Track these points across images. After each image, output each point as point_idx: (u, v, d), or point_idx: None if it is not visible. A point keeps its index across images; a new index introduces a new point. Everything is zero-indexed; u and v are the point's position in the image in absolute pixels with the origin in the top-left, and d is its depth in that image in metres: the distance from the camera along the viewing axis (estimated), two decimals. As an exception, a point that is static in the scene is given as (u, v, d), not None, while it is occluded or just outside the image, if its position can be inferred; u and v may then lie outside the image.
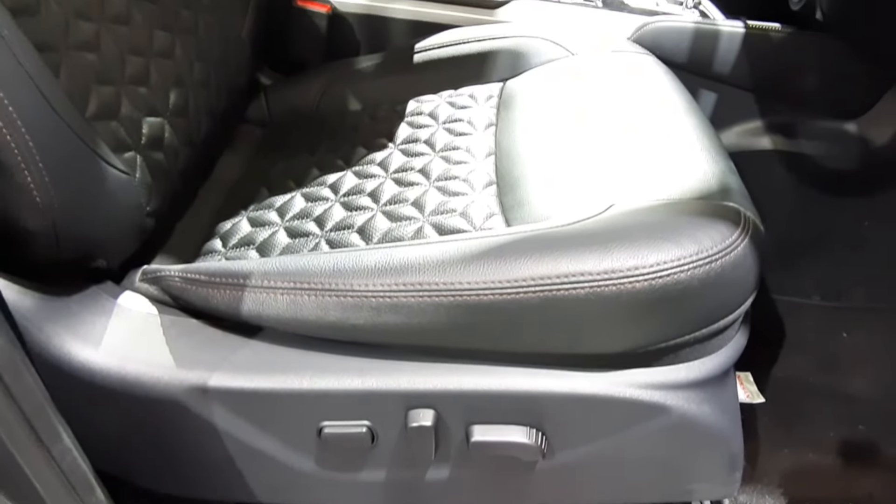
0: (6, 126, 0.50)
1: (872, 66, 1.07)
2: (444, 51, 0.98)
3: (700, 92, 1.13)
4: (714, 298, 0.60)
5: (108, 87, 0.65)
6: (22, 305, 0.58)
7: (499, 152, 0.81)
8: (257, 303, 0.60)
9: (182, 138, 0.74)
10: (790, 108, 1.14)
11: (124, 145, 0.65)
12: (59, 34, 0.61)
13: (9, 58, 0.51)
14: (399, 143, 0.86)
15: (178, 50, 0.76)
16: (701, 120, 0.81)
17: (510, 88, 0.93)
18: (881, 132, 1.10)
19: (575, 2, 1.13)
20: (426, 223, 0.71)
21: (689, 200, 0.65)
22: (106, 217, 0.62)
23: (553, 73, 0.92)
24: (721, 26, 1.08)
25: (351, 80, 0.98)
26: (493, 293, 0.56)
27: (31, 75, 0.53)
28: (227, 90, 0.87)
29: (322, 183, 0.81)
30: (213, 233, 0.77)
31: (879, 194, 1.15)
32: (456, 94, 0.95)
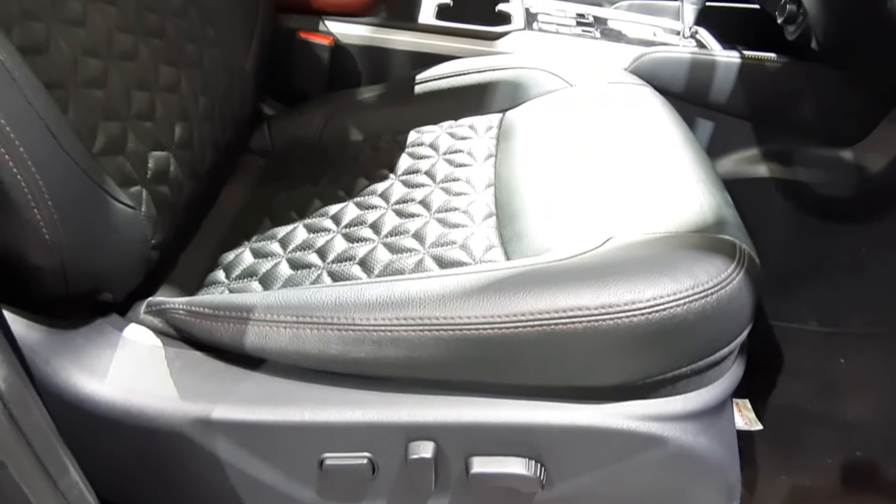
0: (16, 165, 0.51)
1: (868, 95, 1.09)
2: (445, 82, 1.00)
3: (697, 121, 1.14)
4: (710, 331, 0.61)
5: (114, 123, 0.66)
6: (29, 339, 0.59)
7: (498, 183, 0.82)
8: (260, 336, 0.61)
9: (187, 171, 0.75)
10: (787, 136, 1.15)
11: (130, 180, 0.66)
12: (67, 72, 0.63)
13: (19, 98, 0.52)
14: (400, 174, 0.87)
15: (184, 84, 0.78)
16: (697, 151, 0.82)
17: (509, 119, 0.94)
18: (877, 160, 1.11)
19: (573, 33, 1.14)
20: (427, 255, 0.72)
21: (685, 234, 0.66)
22: (112, 252, 0.63)
23: (552, 104, 0.93)
24: (717, 56, 1.10)
25: (352, 111, 1.00)
26: (493, 327, 0.57)
27: (41, 114, 0.54)
28: (231, 122, 0.88)
29: (324, 214, 0.82)
30: (217, 264, 0.78)
31: (876, 221, 1.17)
32: (456, 124, 0.96)
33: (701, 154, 0.83)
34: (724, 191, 0.77)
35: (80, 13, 0.67)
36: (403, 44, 1.07)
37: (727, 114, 1.13)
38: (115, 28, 0.71)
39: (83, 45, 0.66)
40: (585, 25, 1.18)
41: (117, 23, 0.71)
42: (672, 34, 1.22)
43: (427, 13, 1.12)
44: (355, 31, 1.07)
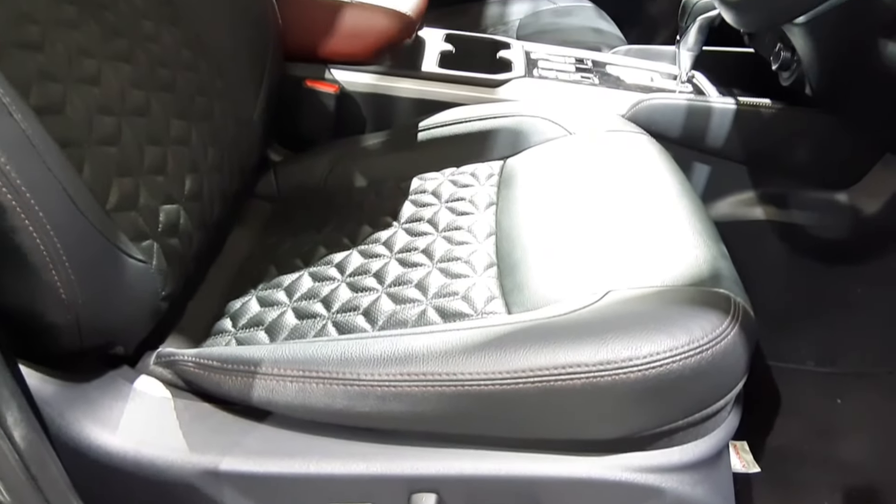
0: (36, 230, 0.53)
1: (861, 139, 1.11)
2: (447, 129, 1.02)
3: (694, 165, 1.17)
4: (706, 385, 0.63)
5: (128, 179, 0.68)
6: (44, 392, 0.60)
7: (499, 233, 0.84)
8: (267, 390, 0.62)
9: (196, 222, 0.77)
10: (782, 180, 1.17)
11: (142, 234, 0.68)
12: (82, 130, 0.65)
13: (39, 165, 0.54)
14: (403, 222, 0.89)
15: (194, 136, 0.80)
16: (693, 201, 0.84)
17: (510, 167, 0.97)
18: (871, 202, 1.14)
19: (572, 79, 1.17)
20: (429, 306, 0.74)
21: (681, 288, 0.68)
22: (125, 306, 0.65)
23: (551, 152, 0.96)
24: (713, 103, 1.12)
25: (357, 157, 1.02)
26: (494, 384, 0.58)
27: (59, 178, 0.56)
28: (238, 170, 0.90)
29: (329, 262, 0.84)
30: (224, 312, 0.80)
31: (870, 262, 1.19)
32: (458, 171, 0.98)
33: (697, 204, 0.85)
34: (719, 242, 0.79)
35: (95, 71, 0.69)
36: (407, 91, 1.10)
37: (723, 158, 1.15)
38: (129, 84, 0.73)
39: (98, 103, 0.68)
40: (584, 71, 1.21)
41: (130, 79, 0.73)
42: (669, 79, 1.24)
43: (430, 61, 1.14)
44: (360, 79, 1.09)
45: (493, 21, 1.77)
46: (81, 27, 0.70)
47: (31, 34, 0.64)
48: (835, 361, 1.24)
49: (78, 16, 0.70)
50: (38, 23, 0.65)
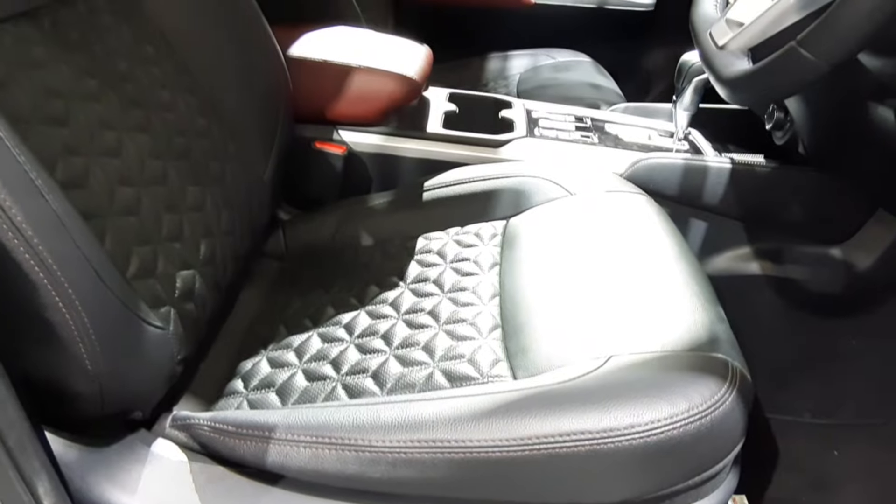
0: (65, 306, 0.56)
1: (854, 196, 1.15)
2: (451, 189, 1.05)
3: (691, 221, 1.20)
4: (705, 449, 0.65)
5: (147, 247, 0.71)
6: (67, 457, 0.63)
7: (503, 294, 0.87)
8: (281, 455, 0.64)
9: (210, 285, 0.80)
10: (777, 235, 1.20)
11: (160, 301, 0.70)
12: (104, 202, 0.68)
13: (68, 242, 0.57)
14: (409, 283, 0.92)
15: (209, 201, 0.83)
16: (691, 264, 0.87)
17: (513, 227, 1.00)
18: (864, 257, 1.16)
19: (572, 138, 1.20)
20: (436, 369, 0.76)
21: (680, 353, 0.71)
22: (144, 373, 0.67)
23: (553, 213, 0.99)
24: (709, 162, 1.15)
25: (364, 217, 1.05)
26: (501, 450, 0.61)
27: (85, 253, 0.59)
28: (250, 232, 0.93)
29: (337, 323, 0.87)
30: (235, 373, 0.82)
31: (865, 315, 1.21)
32: (462, 231, 1.01)
33: (694, 266, 0.88)
34: (716, 304, 0.82)
35: (116, 143, 0.73)
36: (412, 151, 1.13)
37: (720, 214, 1.18)
38: (147, 154, 0.76)
39: (118, 174, 0.71)
40: (584, 130, 1.25)
41: (149, 149, 0.77)
42: (666, 136, 1.28)
43: (435, 121, 1.18)
44: (367, 140, 1.13)
45: (493, 75, 1.82)
46: (102, 100, 0.74)
47: (56, 109, 0.68)
48: (831, 413, 1.26)
49: (99, 89, 0.74)
50: (62, 97, 0.69)
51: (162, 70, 0.84)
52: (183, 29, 0.89)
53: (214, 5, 0.93)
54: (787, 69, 0.71)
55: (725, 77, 0.81)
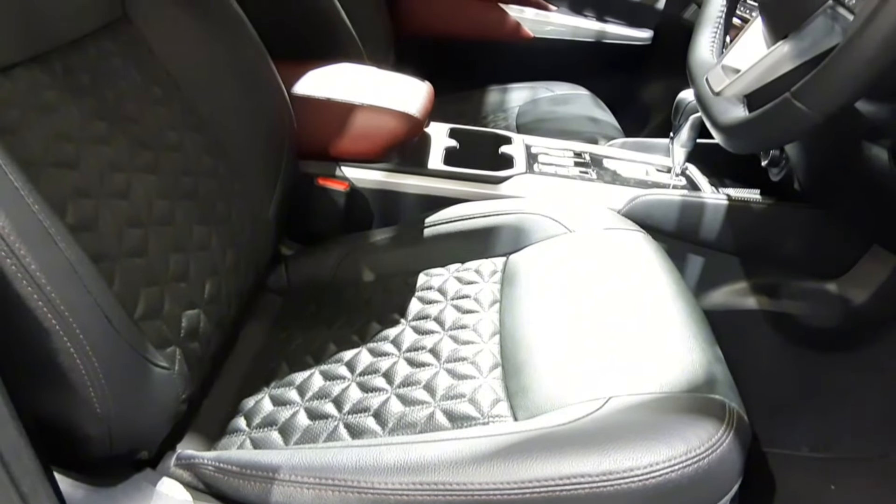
0: (76, 351, 0.57)
1: (849, 232, 1.16)
2: (452, 225, 1.06)
3: (688, 256, 1.21)
4: (703, 491, 0.66)
5: (154, 288, 0.72)
6: (75, 497, 0.63)
7: (503, 332, 0.88)
8: (285, 496, 0.65)
9: (214, 324, 0.81)
10: (774, 270, 1.22)
11: (166, 341, 0.72)
12: (113, 244, 0.69)
13: (80, 288, 0.59)
14: (410, 320, 0.93)
15: (214, 240, 0.84)
16: (688, 303, 0.88)
17: (513, 264, 1.01)
18: (860, 292, 1.18)
19: (571, 174, 1.22)
20: (437, 409, 0.77)
21: (678, 395, 0.72)
22: (150, 413, 0.68)
23: (552, 250, 1.00)
24: (705, 198, 1.17)
25: (366, 252, 1.06)
26: (502, 493, 0.61)
27: (96, 298, 0.60)
28: (254, 268, 0.94)
29: (339, 360, 0.88)
30: (238, 410, 0.83)
31: (860, 349, 1.22)
32: (463, 268, 1.02)
33: (692, 305, 0.89)
34: (714, 344, 0.83)
35: (125, 185, 0.74)
36: (414, 187, 1.15)
37: (717, 250, 1.20)
38: (155, 195, 0.78)
39: (127, 216, 0.73)
40: (582, 165, 1.26)
41: (157, 190, 0.78)
42: (664, 172, 1.30)
43: (436, 157, 1.20)
44: (369, 176, 1.14)
45: (493, 108, 1.84)
46: (111, 142, 0.75)
47: (67, 152, 0.69)
48: (828, 447, 1.27)
49: (108, 131, 0.76)
50: (72, 141, 0.70)
51: (170, 111, 0.86)
52: (190, 69, 0.91)
53: (221, 46, 0.95)
54: (781, 120, 0.72)
55: (721, 124, 0.82)
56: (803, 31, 0.74)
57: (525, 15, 2.01)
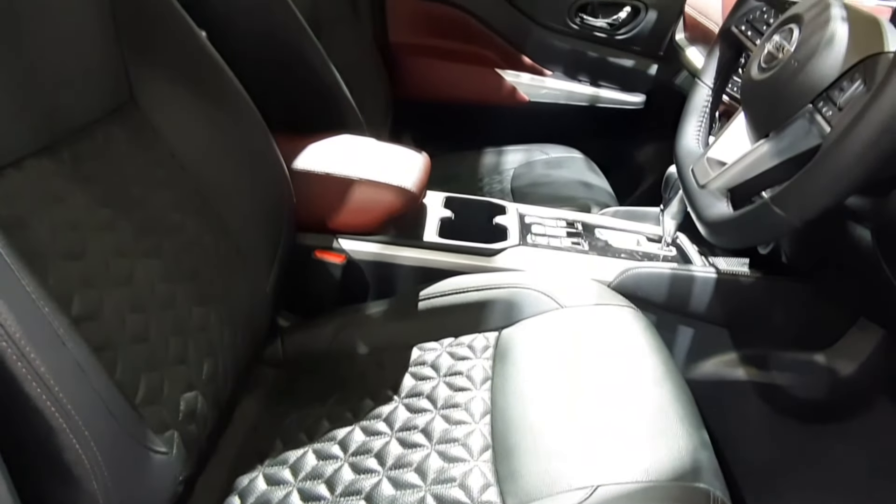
0: (81, 447, 0.59)
1: (836, 305, 1.19)
2: (446, 299, 1.09)
3: (678, 328, 1.23)
4: None
5: (154, 373, 0.74)
6: None
7: (494, 412, 0.90)
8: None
9: (211, 404, 0.83)
10: (762, 342, 1.24)
11: (165, 426, 0.73)
12: (116, 332, 0.71)
13: (86, 387, 0.61)
14: (403, 397, 0.95)
15: (213, 319, 0.86)
16: (677, 385, 0.90)
17: (505, 339, 1.03)
18: (848, 364, 1.20)
19: (564, 246, 1.25)
20: (428, 493, 0.78)
21: (664, 483, 0.74)
22: (148, 498, 0.69)
23: (543, 326, 1.02)
24: (695, 271, 1.20)
25: (361, 325, 1.08)
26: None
27: (101, 395, 0.62)
28: (251, 343, 0.96)
29: (332, 438, 0.89)
30: (232, 489, 0.84)
31: (849, 421, 1.24)
32: (456, 342, 1.04)
33: (681, 386, 0.91)
34: (701, 428, 0.85)
35: (128, 271, 0.76)
36: (409, 259, 1.17)
37: (706, 321, 1.22)
38: (157, 280, 0.80)
39: (130, 303, 0.75)
40: (575, 236, 1.29)
41: (159, 274, 0.80)
42: (655, 241, 1.33)
43: (431, 229, 1.22)
44: (366, 248, 1.17)
45: (489, 170, 1.87)
46: (116, 228, 0.78)
47: (74, 242, 0.71)
48: (817, 516, 1.28)
49: (113, 217, 0.78)
50: (79, 230, 0.73)
51: (173, 192, 0.89)
52: (194, 150, 0.93)
53: (225, 126, 0.98)
54: (760, 223, 0.75)
55: (705, 219, 0.85)
56: (783, 132, 0.77)
57: (521, 79, 2.06)
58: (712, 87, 1.01)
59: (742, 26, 0.98)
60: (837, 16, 0.76)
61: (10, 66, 0.70)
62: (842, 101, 0.70)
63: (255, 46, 1.32)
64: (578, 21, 2.06)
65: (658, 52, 2.07)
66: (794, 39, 0.79)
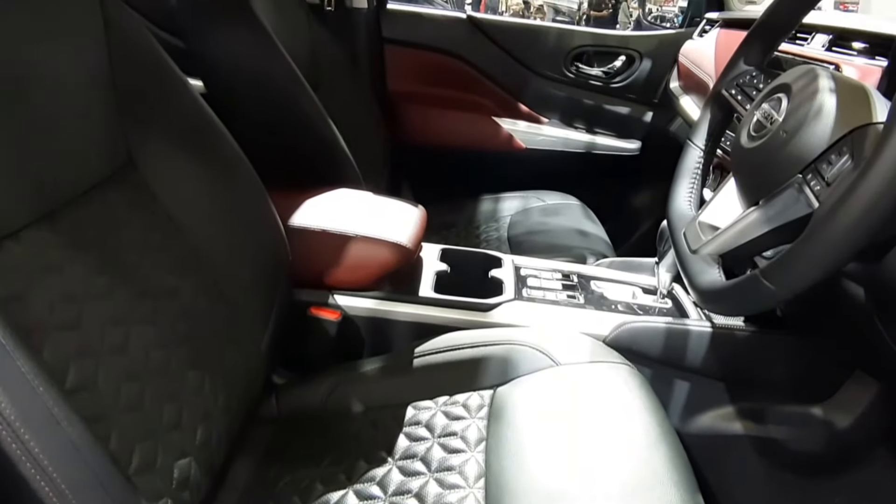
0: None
1: (831, 358, 1.19)
2: (441, 356, 1.09)
3: (674, 382, 1.23)
4: None
5: (148, 442, 0.74)
6: None
7: (489, 476, 0.89)
8: None
9: (205, 470, 0.82)
10: (758, 395, 1.24)
11: (158, 494, 0.73)
12: (111, 402, 0.71)
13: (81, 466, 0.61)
14: (397, 459, 0.95)
15: (207, 384, 0.86)
16: (671, 447, 0.90)
17: (500, 398, 1.03)
18: (844, 416, 1.20)
19: (559, 299, 1.25)
20: None
21: None
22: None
23: (539, 385, 1.02)
24: (690, 326, 1.20)
25: (356, 383, 1.08)
26: None
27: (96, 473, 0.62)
28: (246, 405, 0.96)
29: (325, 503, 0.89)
30: (225, 556, 0.84)
31: (846, 473, 1.23)
32: (451, 401, 1.04)
33: (676, 449, 0.90)
34: (696, 493, 0.85)
35: (123, 339, 0.77)
36: (405, 315, 1.18)
37: (702, 375, 1.22)
38: (152, 346, 0.80)
39: (125, 372, 0.75)
40: (570, 288, 1.30)
41: (154, 341, 0.80)
42: (650, 293, 1.33)
43: (426, 284, 1.23)
44: (361, 304, 1.17)
45: (485, 217, 1.89)
46: (112, 296, 0.78)
47: (70, 313, 0.72)
48: (816, 571, 1.26)
49: (109, 285, 0.78)
50: (75, 300, 0.73)
51: (169, 255, 0.89)
52: (191, 212, 0.94)
53: (221, 187, 0.99)
54: (750, 295, 0.76)
55: (697, 286, 0.86)
56: (773, 201, 0.78)
57: (518, 127, 2.09)
58: (703, 149, 1.03)
59: (732, 90, 1.00)
60: (825, 87, 0.77)
61: (12, 136, 0.71)
62: (830, 175, 0.71)
63: (253, 100, 1.34)
64: (574, 70, 2.10)
65: (653, 100, 2.11)
66: (782, 109, 0.80)
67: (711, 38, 1.81)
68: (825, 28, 1.26)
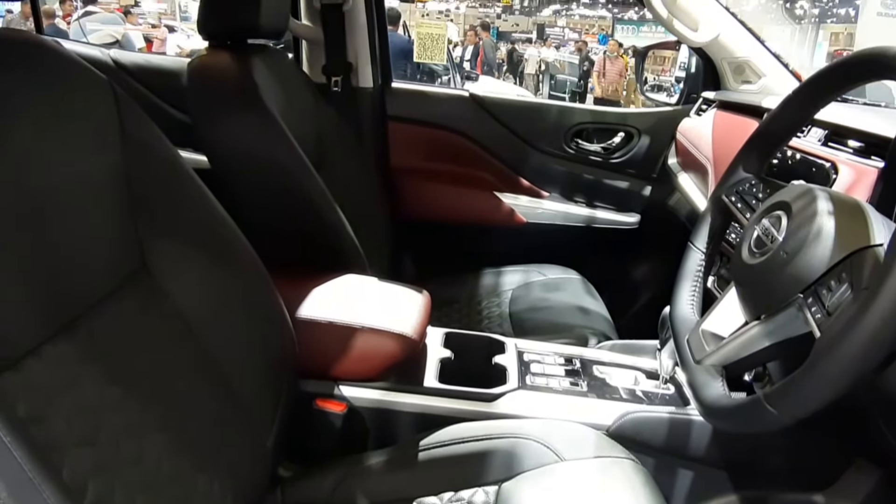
0: None
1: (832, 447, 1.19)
2: (446, 449, 1.09)
3: (677, 471, 1.24)
4: None
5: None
6: None
7: None
8: None
9: (212, 575, 0.83)
10: (761, 484, 1.24)
11: None
12: None
13: None
14: (402, 564, 0.95)
15: (216, 488, 0.87)
16: None
17: (505, 494, 1.03)
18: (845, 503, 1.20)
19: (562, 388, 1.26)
20: None
21: None
22: None
23: (543, 482, 1.02)
24: (692, 415, 1.21)
25: (361, 476, 1.08)
26: None
27: None
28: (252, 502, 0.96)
29: None
30: None
31: None
32: (455, 497, 1.04)
33: None
34: None
35: (137, 451, 0.77)
36: (410, 406, 1.18)
37: (705, 465, 1.23)
38: (165, 455, 0.81)
39: (141, 483, 0.76)
40: (573, 374, 1.31)
41: (167, 450, 0.81)
42: (653, 376, 1.34)
43: (430, 373, 1.24)
44: (367, 395, 1.18)
45: (487, 291, 1.90)
46: (125, 406, 0.79)
47: (87, 427, 0.73)
48: None
49: (123, 394, 0.79)
50: (92, 412, 0.74)
51: (179, 356, 0.90)
52: (202, 311, 0.95)
53: (232, 286, 1.01)
54: (752, 418, 0.77)
55: (701, 400, 0.88)
56: (774, 317, 0.80)
57: (519, 201, 2.13)
58: (705, 252, 1.05)
59: (732, 197, 1.02)
60: (824, 210, 0.80)
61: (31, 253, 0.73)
62: (830, 303, 0.73)
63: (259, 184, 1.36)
64: (574, 146, 2.14)
65: (651, 175, 2.14)
66: (782, 228, 0.83)
67: (709, 119, 1.85)
68: (821, 123, 1.29)
